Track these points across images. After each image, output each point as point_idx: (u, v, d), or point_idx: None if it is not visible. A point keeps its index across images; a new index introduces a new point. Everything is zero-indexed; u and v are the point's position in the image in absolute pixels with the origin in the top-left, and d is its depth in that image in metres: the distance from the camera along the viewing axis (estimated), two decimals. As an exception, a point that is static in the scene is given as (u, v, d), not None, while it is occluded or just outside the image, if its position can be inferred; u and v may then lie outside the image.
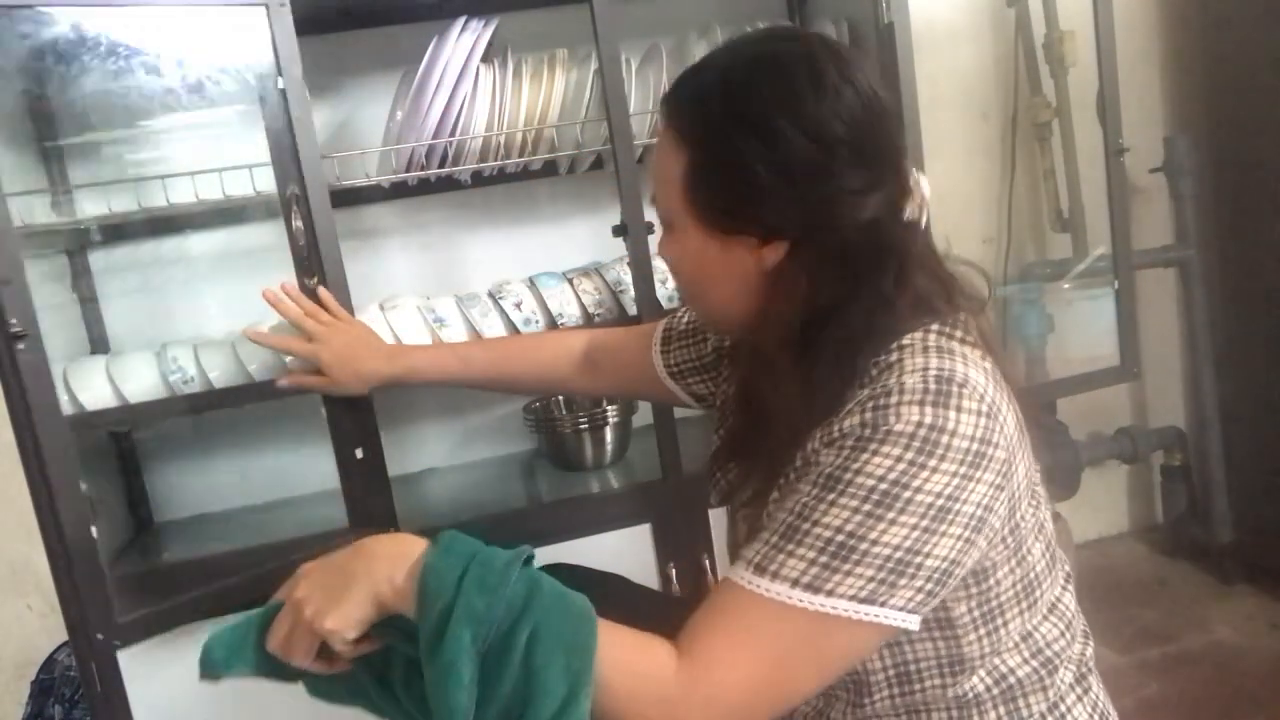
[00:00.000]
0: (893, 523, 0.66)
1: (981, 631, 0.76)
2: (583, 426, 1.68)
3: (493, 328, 1.57)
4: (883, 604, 0.66)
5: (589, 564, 1.17)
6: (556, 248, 1.83)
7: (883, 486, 0.66)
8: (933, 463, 0.66)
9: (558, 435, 1.71)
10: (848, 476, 0.67)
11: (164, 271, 1.72)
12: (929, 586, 0.68)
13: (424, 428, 1.88)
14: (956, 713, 0.79)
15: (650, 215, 1.40)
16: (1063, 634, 0.81)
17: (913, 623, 0.68)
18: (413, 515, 1.54)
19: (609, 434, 1.68)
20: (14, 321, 1.11)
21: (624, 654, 0.68)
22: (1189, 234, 2.06)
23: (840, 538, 0.66)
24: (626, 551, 1.52)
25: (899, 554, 0.66)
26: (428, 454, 1.89)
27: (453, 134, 1.51)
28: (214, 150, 1.65)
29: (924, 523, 0.66)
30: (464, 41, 1.47)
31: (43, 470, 1.14)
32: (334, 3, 1.57)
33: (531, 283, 1.63)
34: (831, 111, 0.73)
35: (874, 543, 0.66)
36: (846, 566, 0.66)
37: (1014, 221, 2.16)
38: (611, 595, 1.09)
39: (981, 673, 0.77)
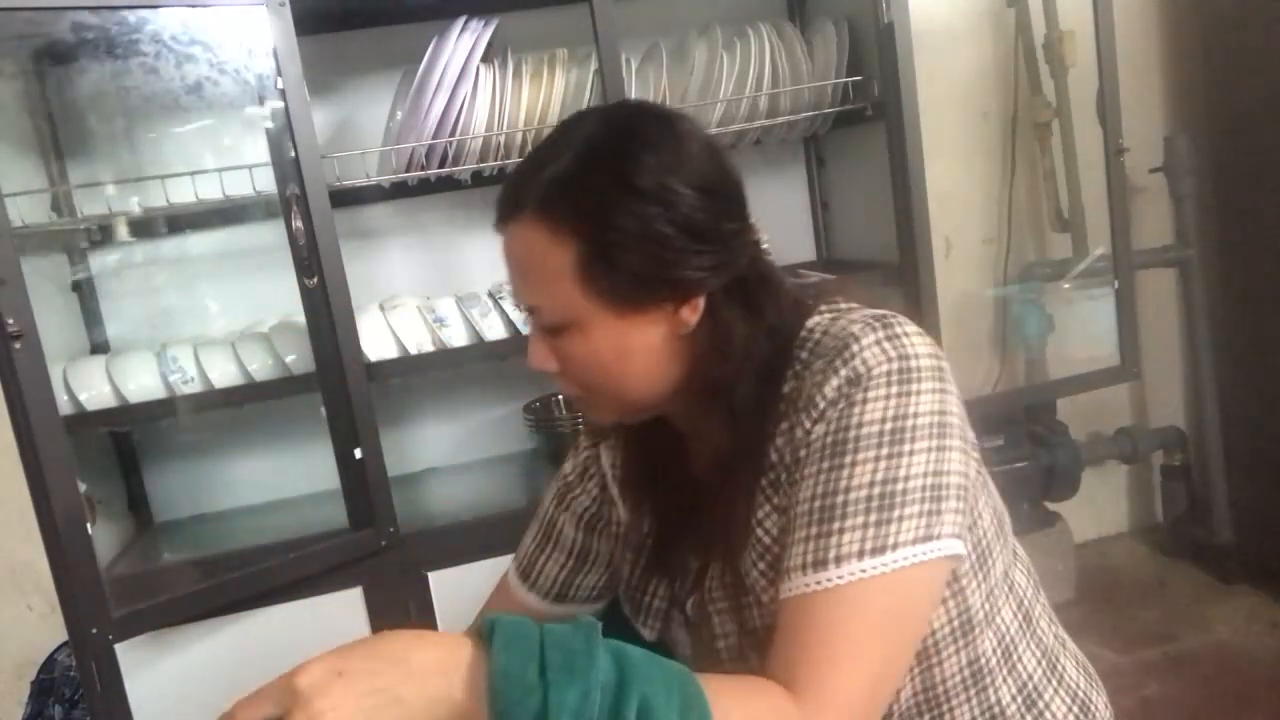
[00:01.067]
0: (913, 453, 0.68)
1: (980, 577, 0.77)
2: (582, 426, 1.68)
3: (493, 328, 1.57)
4: (938, 535, 0.67)
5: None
6: (556, 248, 1.82)
7: (889, 426, 0.68)
8: (915, 386, 0.69)
9: (558, 435, 1.71)
10: (852, 434, 0.68)
11: (164, 271, 1.72)
12: (959, 505, 0.69)
13: (424, 428, 1.88)
14: (976, 697, 0.78)
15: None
16: (1027, 578, 0.84)
17: (961, 549, 0.69)
18: (413, 515, 1.54)
19: (609, 434, 1.68)
20: (11, 321, 1.11)
21: (746, 711, 0.62)
22: (1189, 234, 2.06)
23: (878, 490, 0.67)
24: (626, 551, 1.52)
25: (929, 479, 0.68)
26: (428, 454, 1.89)
27: (453, 134, 1.51)
28: (214, 150, 1.65)
29: (934, 442, 0.69)
30: (464, 41, 1.47)
31: (39, 469, 1.14)
32: (334, 3, 1.57)
33: (531, 283, 1.63)
34: (701, 160, 0.74)
35: (907, 479, 0.67)
36: (896, 513, 0.66)
37: (1014, 221, 2.16)
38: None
39: (989, 633, 0.78)
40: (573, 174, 0.72)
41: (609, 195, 0.71)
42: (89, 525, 1.25)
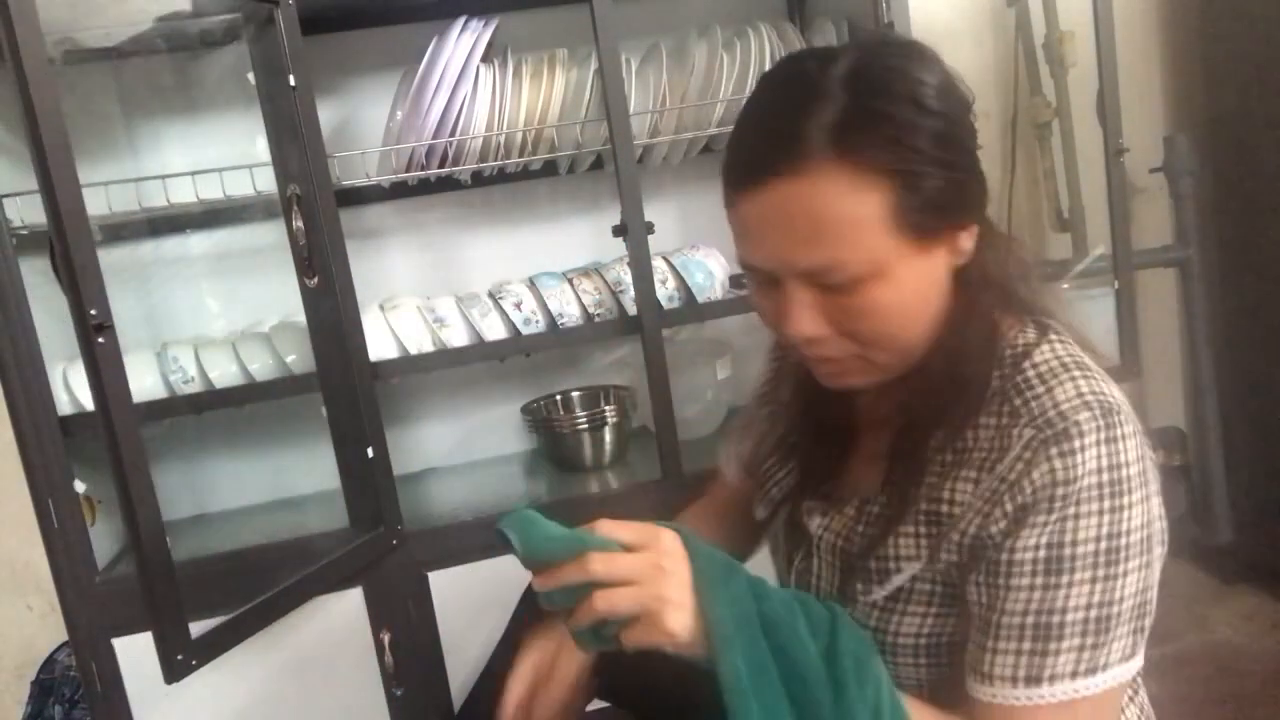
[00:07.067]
0: (1126, 574, 0.68)
1: None
2: (581, 427, 1.68)
3: (493, 328, 1.57)
4: (1139, 653, 0.70)
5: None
6: (556, 248, 1.83)
7: (1104, 545, 0.67)
8: (1125, 500, 0.68)
9: (557, 435, 1.71)
10: (1068, 552, 0.67)
11: (164, 271, 1.72)
12: (1153, 616, 0.71)
13: (424, 428, 1.88)
14: None
15: (661, 228, 1.38)
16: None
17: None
18: (413, 515, 1.54)
19: (608, 434, 1.68)
20: (94, 313, 1.02)
21: None
22: (1189, 234, 2.06)
23: (1095, 613, 0.67)
24: (626, 551, 1.52)
25: (1139, 598, 0.69)
26: (427, 454, 1.89)
27: (453, 134, 1.51)
28: (214, 150, 1.65)
29: (1143, 559, 0.68)
30: (464, 41, 1.47)
31: (117, 465, 1.08)
32: (334, 3, 1.57)
33: (531, 283, 1.63)
34: (951, 80, 0.72)
35: (1121, 600, 0.68)
36: (1110, 635, 0.68)
37: (1014, 221, 2.16)
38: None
39: None
40: (865, 107, 0.67)
41: (906, 120, 0.67)
42: (89, 524, 1.25)
